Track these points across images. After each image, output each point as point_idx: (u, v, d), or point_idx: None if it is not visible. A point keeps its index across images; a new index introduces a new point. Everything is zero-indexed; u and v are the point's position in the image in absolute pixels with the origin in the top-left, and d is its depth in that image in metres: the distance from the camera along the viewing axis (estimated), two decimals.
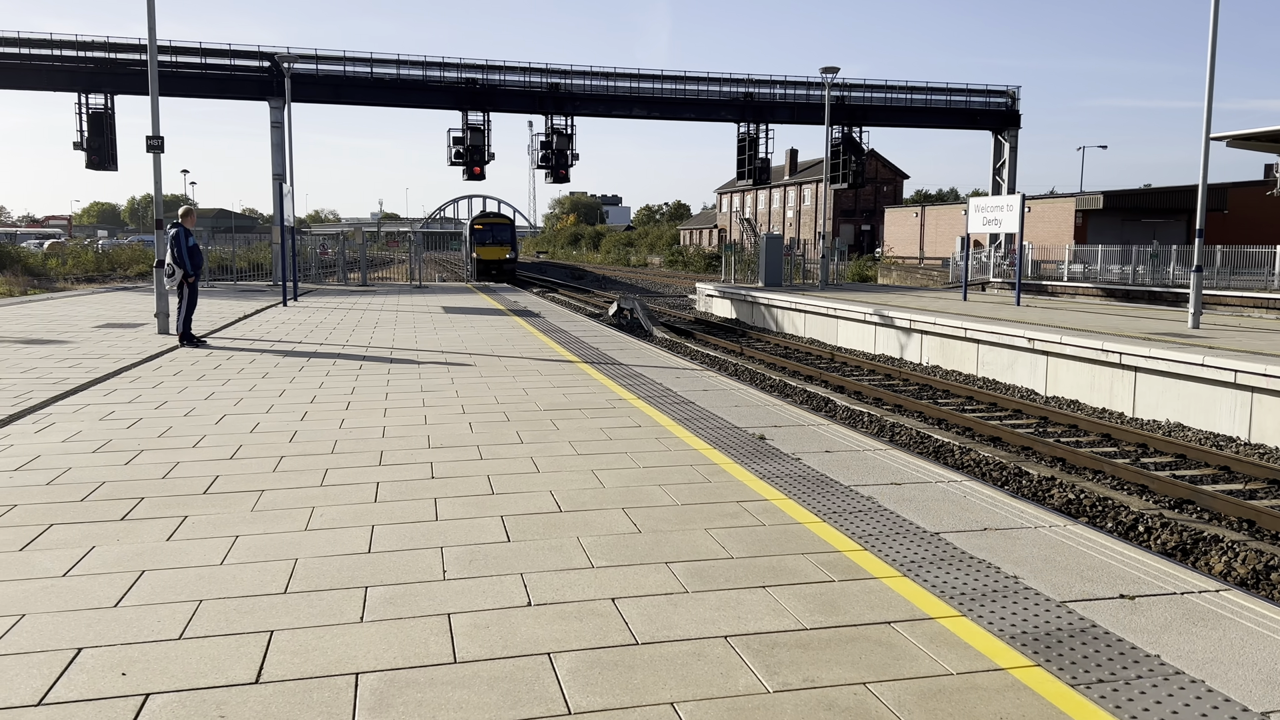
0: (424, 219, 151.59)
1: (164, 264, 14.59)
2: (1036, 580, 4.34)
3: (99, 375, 10.73)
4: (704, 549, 4.81)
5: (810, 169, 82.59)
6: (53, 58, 32.95)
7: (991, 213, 24.73)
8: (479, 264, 46.28)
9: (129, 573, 4.50)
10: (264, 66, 34.41)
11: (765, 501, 5.64)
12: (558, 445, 7.22)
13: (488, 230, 48.25)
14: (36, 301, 23.28)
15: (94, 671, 3.48)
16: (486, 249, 46.99)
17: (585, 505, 5.61)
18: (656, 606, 4.07)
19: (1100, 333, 16.43)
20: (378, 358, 12.48)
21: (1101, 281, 38.17)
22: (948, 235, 58.60)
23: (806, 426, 7.93)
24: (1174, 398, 13.95)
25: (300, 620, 3.94)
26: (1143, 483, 10.50)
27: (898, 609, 4.02)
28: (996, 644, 3.66)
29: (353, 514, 5.44)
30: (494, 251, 47.20)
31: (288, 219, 22.64)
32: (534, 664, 3.54)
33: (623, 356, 12.70)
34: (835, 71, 31.63)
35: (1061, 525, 5.15)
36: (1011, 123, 41.46)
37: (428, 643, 3.73)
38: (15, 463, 6.63)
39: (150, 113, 15.44)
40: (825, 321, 24.55)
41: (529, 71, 37.64)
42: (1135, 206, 49.29)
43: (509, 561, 4.65)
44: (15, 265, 37.95)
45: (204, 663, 3.55)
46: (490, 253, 47.05)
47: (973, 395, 16.02)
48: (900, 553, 4.72)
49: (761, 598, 4.16)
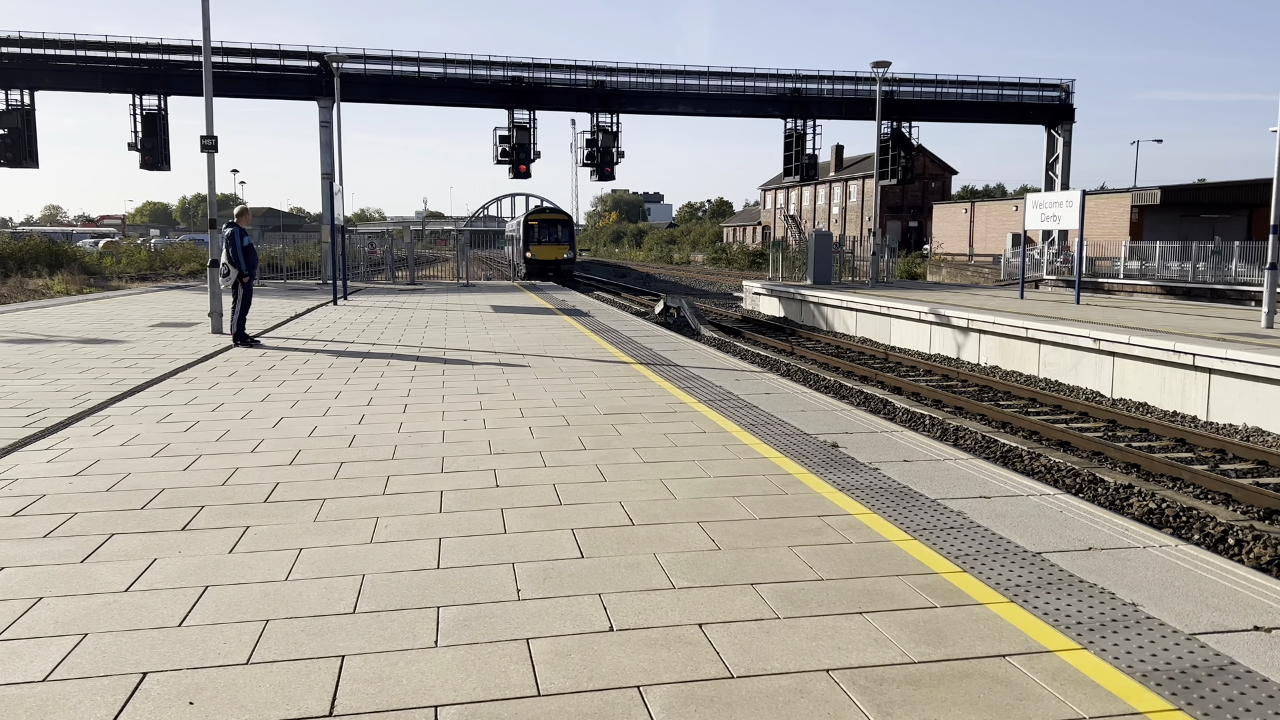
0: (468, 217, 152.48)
1: (218, 263, 14.60)
2: (1157, 608, 4.01)
3: (155, 376, 10.69)
4: (790, 569, 4.53)
5: (856, 165, 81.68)
6: (108, 59, 33.44)
7: (1050, 209, 24.09)
8: (533, 264, 43.15)
9: (192, 588, 4.33)
10: (313, 67, 34.62)
11: (848, 516, 5.35)
12: (622, 452, 6.98)
13: (544, 227, 44.55)
14: (92, 300, 23.57)
15: (160, 700, 3.29)
16: (542, 248, 43.65)
17: (658, 518, 5.36)
18: (748, 634, 3.80)
19: (1170, 333, 15.84)
20: (431, 359, 12.34)
21: (1160, 279, 37.16)
22: (998, 232, 57.53)
23: (879, 434, 7.61)
24: (1251, 401, 13.38)
25: (372, 644, 3.73)
26: (1226, 491, 10.01)
27: (1011, 640, 3.71)
28: (1128, 683, 3.34)
29: (418, 525, 5.24)
30: (550, 250, 43.75)
31: (338, 218, 22.66)
32: (623, 698, 3.29)
33: (677, 358, 12.44)
34: (886, 66, 31.09)
35: (1173, 545, 4.80)
36: (1065, 117, 40.52)
37: (508, 672, 3.49)
38: (75, 468, 6.53)
39: (205, 113, 15.47)
40: (878, 320, 24.08)
41: (574, 69, 37.49)
42: (1194, 202, 47.98)
43: (585, 580, 4.41)
44: (72, 264, 38.57)
45: (274, 691, 3.35)
46: (546, 252, 43.64)
47: (1035, 397, 15.53)
48: (1003, 575, 4.40)
49: (860, 625, 3.87)
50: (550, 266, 43.14)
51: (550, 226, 44.83)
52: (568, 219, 46.58)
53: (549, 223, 45.27)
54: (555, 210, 49.43)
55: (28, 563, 4.66)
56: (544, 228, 44.58)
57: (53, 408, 8.70)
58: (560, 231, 44.65)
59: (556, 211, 48.66)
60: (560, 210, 49.85)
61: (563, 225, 45.37)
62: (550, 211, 48.43)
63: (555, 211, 48.56)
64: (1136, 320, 18.48)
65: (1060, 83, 40.81)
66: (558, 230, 44.73)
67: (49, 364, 11.57)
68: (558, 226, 45.09)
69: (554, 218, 46.25)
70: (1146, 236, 44.15)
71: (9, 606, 4.12)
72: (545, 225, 44.90)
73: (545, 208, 52.10)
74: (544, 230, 44.30)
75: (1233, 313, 21.56)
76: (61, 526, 5.23)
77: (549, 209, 49.51)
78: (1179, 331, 16.11)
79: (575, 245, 45.53)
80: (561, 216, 46.66)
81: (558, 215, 47.08)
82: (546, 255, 43.60)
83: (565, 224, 45.66)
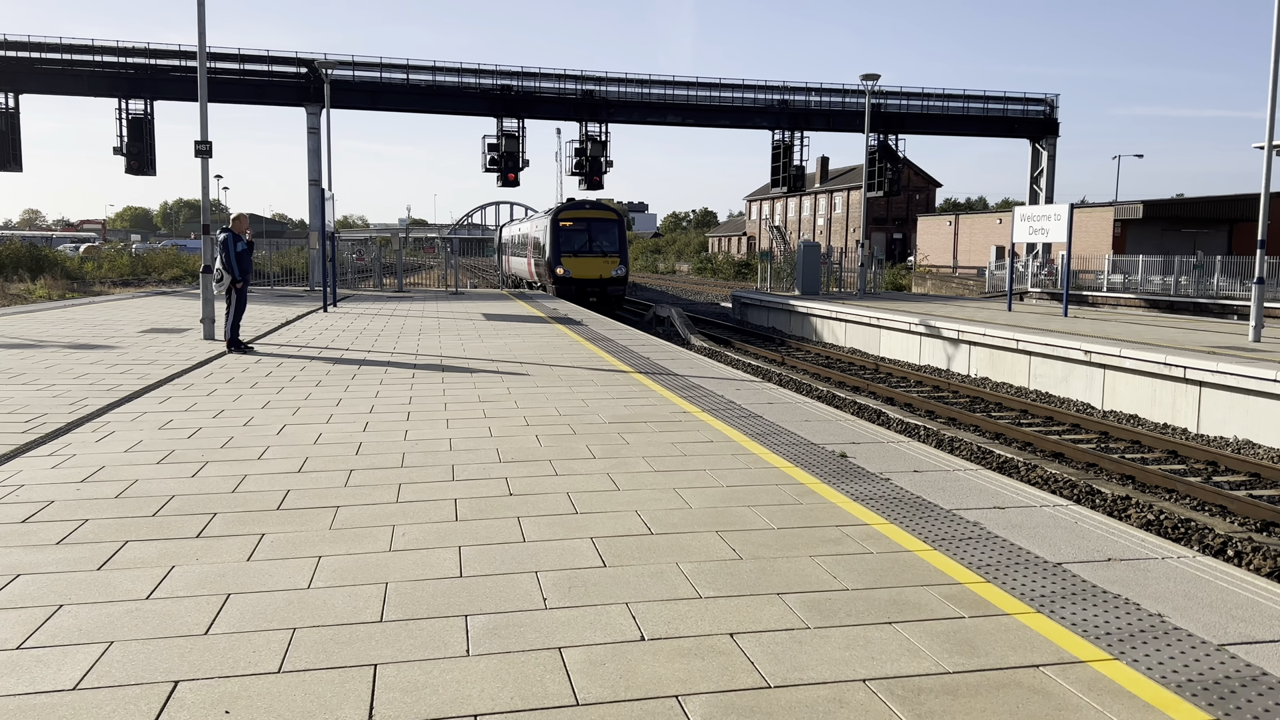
0: (451, 225, 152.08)
1: (211, 269, 14.50)
2: (1183, 619, 4.03)
3: (152, 382, 10.59)
4: (815, 579, 4.53)
5: (841, 176, 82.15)
6: (94, 64, 33.20)
7: (1038, 222, 24.29)
8: (565, 284, 29.57)
9: (214, 596, 4.29)
10: (301, 73, 34.53)
11: (866, 526, 5.36)
12: (632, 461, 6.97)
13: (583, 228, 30.39)
14: (78, 306, 23.35)
15: (195, 709, 3.25)
16: (580, 260, 29.82)
17: (676, 527, 5.35)
18: (780, 644, 3.80)
19: (1159, 345, 15.99)
20: (429, 366, 12.29)
21: (1143, 292, 37.52)
22: (982, 244, 57.97)
23: (886, 444, 7.63)
24: (1241, 414, 13.51)
25: (403, 653, 3.71)
26: (1221, 503, 10.11)
27: (1042, 650, 3.73)
28: (1164, 694, 3.36)
29: (436, 533, 5.21)
30: (593, 265, 29.86)
31: (328, 225, 22.57)
32: (663, 708, 3.28)
33: (675, 366, 12.44)
34: (876, 79, 31.33)
35: (1191, 556, 4.83)
36: (1050, 131, 40.92)
37: (544, 681, 3.48)
38: (81, 474, 6.46)
39: (199, 118, 15.40)
40: (868, 331, 24.18)
41: (564, 78, 37.55)
42: (1175, 216, 48.50)
43: (610, 589, 4.39)
44: (54, 269, 38.26)
45: (310, 701, 3.32)
46: (587, 266, 29.76)
47: (1027, 409, 15.63)
48: (1026, 585, 4.42)
49: (891, 635, 3.88)
50: (593, 289, 29.73)
51: (593, 229, 30.53)
52: (618, 217, 31.77)
53: (591, 223, 30.65)
54: (599, 205, 32.54)
55: (43, 570, 4.60)
56: (583, 229, 30.43)
57: (51, 413, 8.60)
58: (608, 235, 30.65)
59: (601, 207, 32.37)
60: (605, 204, 33.44)
61: (610, 226, 30.99)
62: (592, 206, 32.05)
63: (599, 207, 32.27)
64: (1125, 333, 18.64)
65: (1045, 97, 41.23)
66: (604, 233, 30.58)
67: (42, 369, 11.44)
68: (604, 229, 30.72)
69: (599, 215, 31.21)
70: (1129, 250, 44.59)
71: (29, 614, 4.07)
72: (585, 226, 30.51)
73: (584, 201, 33.11)
74: (583, 233, 30.38)
75: (1217, 326, 21.79)
76: (74, 533, 5.16)
77: (590, 203, 32.51)
78: (1167, 344, 16.26)
79: (628, 256, 31.23)
80: (609, 214, 31.69)
81: (604, 212, 31.61)
82: (588, 272, 29.81)
83: (615, 224, 31.17)
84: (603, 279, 29.96)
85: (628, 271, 31.04)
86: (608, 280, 30.02)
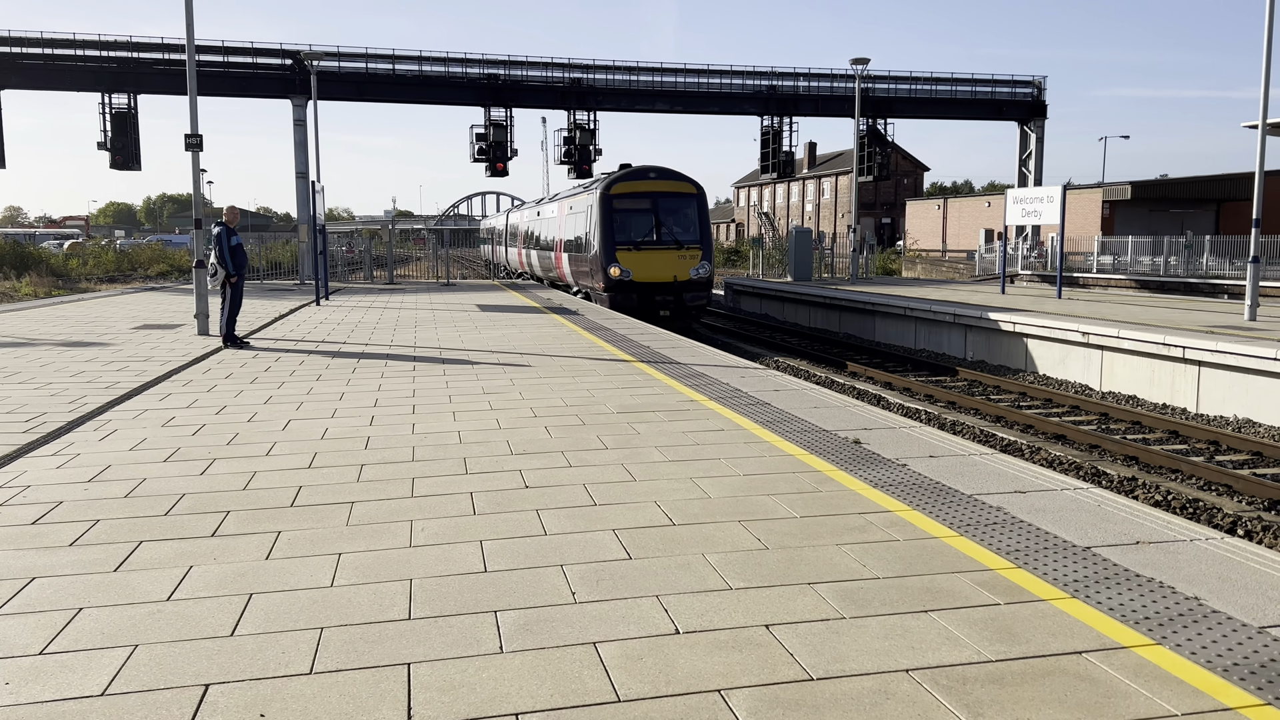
0: (438, 216, 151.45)
1: (204, 264, 14.35)
2: (1221, 602, 4.00)
3: (149, 379, 10.47)
4: (844, 568, 4.48)
5: (829, 162, 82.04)
6: (76, 58, 32.78)
7: (1031, 204, 24.30)
8: (624, 289, 21.06)
9: (237, 596, 4.21)
10: (286, 65, 34.16)
11: (889, 513, 5.31)
12: (645, 451, 6.91)
13: (647, 205, 21.79)
14: (66, 303, 23.11)
15: (229, 712, 3.18)
16: (644, 254, 21.22)
17: (697, 518, 5.29)
18: (817, 635, 3.75)
19: (1156, 326, 16.01)
20: (428, 359, 12.19)
21: (1133, 273, 37.62)
22: (970, 228, 58.00)
23: (898, 429, 7.60)
24: (1241, 393, 13.55)
25: (435, 651, 3.64)
26: (1226, 482, 10.12)
27: (1083, 637, 3.69)
28: (1211, 679, 3.32)
29: (455, 528, 5.14)
30: (665, 262, 21.27)
31: (318, 217, 22.38)
32: (707, 703, 3.22)
33: (676, 355, 12.38)
34: (865, 63, 31.26)
35: (1219, 538, 4.80)
36: (1038, 113, 40.87)
37: (582, 677, 3.42)
38: (88, 474, 6.36)
39: (189, 111, 15.23)
40: (862, 317, 24.16)
41: (550, 67, 37.30)
42: (1163, 197, 48.64)
43: (638, 582, 4.34)
44: (40, 265, 37.82)
45: (346, 702, 3.25)
46: (656, 263, 21.21)
47: (1025, 391, 15.64)
48: (1059, 570, 4.38)
49: (929, 624, 3.83)
50: (664, 298, 21.28)
51: (660, 207, 21.89)
52: (697, 189, 22.57)
53: (658, 200, 21.98)
54: (668, 174, 22.68)
55: (59, 572, 4.52)
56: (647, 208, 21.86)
57: (50, 412, 8.48)
58: (682, 217, 22.06)
59: (671, 175, 22.66)
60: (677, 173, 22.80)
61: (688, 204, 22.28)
62: (659, 175, 22.54)
63: (668, 176, 22.61)
64: (1120, 314, 18.67)
65: (1033, 80, 41.17)
66: (677, 213, 22.03)
67: (37, 368, 11.30)
68: (678, 207, 22.10)
69: (669, 188, 22.26)
70: (1117, 231, 44.71)
71: (49, 618, 3.98)
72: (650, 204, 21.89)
73: (646, 168, 22.69)
74: (647, 213, 21.82)
75: (1210, 306, 21.85)
76: (87, 534, 5.07)
77: (655, 169, 22.65)
78: (1164, 324, 16.28)
79: (712, 247, 22.40)
80: (684, 185, 22.50)
81: (676, 184, 22.43)
82: (656, 270, 21.28)
83: (693, 200, 22.38)
84: (678, 281, 21.30)
85: (712, 270, 22.07)
86: (685, 284, 21.36)
